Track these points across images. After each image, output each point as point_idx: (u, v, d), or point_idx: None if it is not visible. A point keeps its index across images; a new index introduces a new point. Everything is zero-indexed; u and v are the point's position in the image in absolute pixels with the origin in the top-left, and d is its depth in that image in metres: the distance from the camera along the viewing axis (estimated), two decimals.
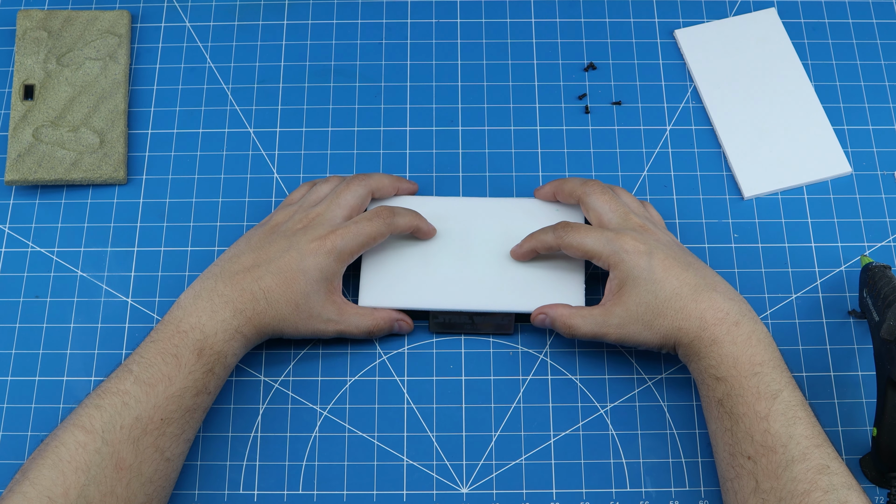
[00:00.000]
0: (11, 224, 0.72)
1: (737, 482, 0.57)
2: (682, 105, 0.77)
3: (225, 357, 0.60)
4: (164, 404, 0.57)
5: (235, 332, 0.61)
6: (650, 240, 0.63)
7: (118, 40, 0.77)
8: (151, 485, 0.57)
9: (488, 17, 0.80)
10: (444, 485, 0.65)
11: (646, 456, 0.65)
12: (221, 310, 0.60)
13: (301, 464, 0.65)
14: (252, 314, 0.61)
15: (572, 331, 0.64)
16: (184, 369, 0.58)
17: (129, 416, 0.56)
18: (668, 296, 0.61)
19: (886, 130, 0.76)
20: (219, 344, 0.60)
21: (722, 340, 0.59)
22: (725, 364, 0.59)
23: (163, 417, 0.57)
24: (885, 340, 0.61)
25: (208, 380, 0.60)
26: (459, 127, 0.76)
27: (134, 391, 0.57)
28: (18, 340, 0.69)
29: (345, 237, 0.63)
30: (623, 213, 0.65)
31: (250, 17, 0.80)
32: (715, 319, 0.60)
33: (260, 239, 0.64)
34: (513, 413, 0.67)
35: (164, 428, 0.57)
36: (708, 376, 0.60)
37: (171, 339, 0.59)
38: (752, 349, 0.59)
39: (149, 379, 0.57)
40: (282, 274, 0.61)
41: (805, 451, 0.55)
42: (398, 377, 0.68)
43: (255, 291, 0.61)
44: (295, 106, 0.77)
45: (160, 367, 0.58)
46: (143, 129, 0.76)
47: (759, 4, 0.80)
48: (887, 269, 0.65)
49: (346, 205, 0.65)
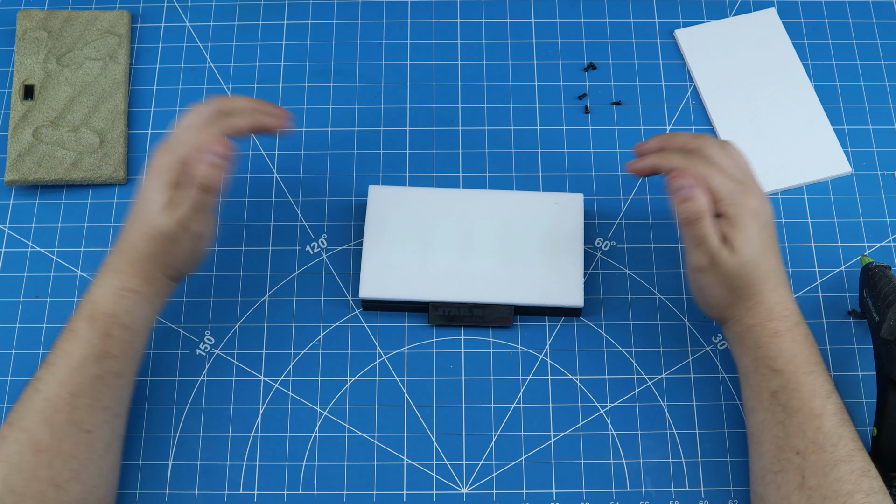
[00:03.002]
0: (11, 224, 0.72)
1: (781, 476, 0.57)
2: (682, 105, 0.77)
3: (117, 317, 0.59)
4: (68, 379, 0.57)
5: (121, 291, 0.60)
6: (767, 209, 0.61)
7: (118, 40, 0.77)
8: (74, 460, 0.56)
9: (488, 17, 0.80)
10: (444, 485, 0.65)
11: (646, 456, 0.65)
12: (105, 275, 0.60)
13: (301, 464, 0.65)
14: (128, 267, 0.60)
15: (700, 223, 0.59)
16: (80, 340, 0.58)
17: (39, 400, 0.57)
18: (761, 275, 0.60)
19: (886, 130, 0.76)
20: (107, 306, 0.59)
21: (784, 336, 0.59)
22: (784, 358, 0.59)
23: (71, 392, 0.57)
24: (885, 340, 0.61)
25: (108, 344, 0.59)
26: (459, 127, 0.76)
27: (42, 375, 0.58)
28: (18, 340, 0.69)
29: (171, 147, 0.61)
30: (747, 170, 0.62)
31: (250, 17, 0.80)
32: (781, 315, 0.60)
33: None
34: (513, 413, 0.67)
35: (75, 401, 0.57)
36: (764, 366, 0.59)
37: (70, 318, 0.60)
38: (809, 350, 0.59)
39: (52, 359, 0.58)
40: (136, 219, 0.61)
41: (851, 452, 0.56)
42: (398, 377, 0.68)
43: (124, 249, 0.61)
44: (295, 106, 0.77)
45: (61, 346, 0.58)
46: (143, 129, 0.76)
47: (759, 4, 0.80)
48: (887, 269, 0.65)
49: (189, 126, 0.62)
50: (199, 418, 0.66)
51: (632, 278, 0.71)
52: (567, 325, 0.69)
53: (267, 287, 0.70)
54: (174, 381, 0.67)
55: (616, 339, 0.69)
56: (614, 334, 0.69)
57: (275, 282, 0.70)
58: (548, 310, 0.68)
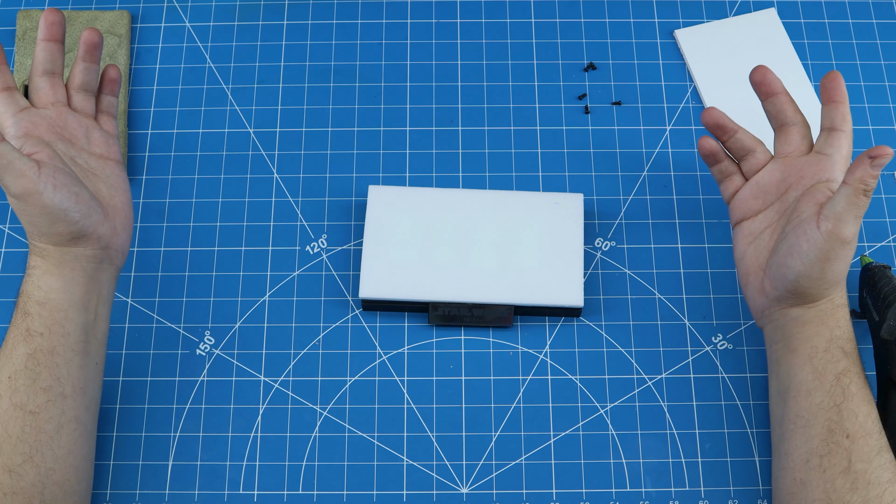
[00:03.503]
0: (11, 224, 0.72)
1: (828, 459, 0.57)
2: (682, 105, 0.77)
3: (31, 294, 0.60)
4: (4, 363, 0.58)
5: (28, 269, 0.61)
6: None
7: (118, 40, 0.77)
8: (23, 444, 0.56)
9: (488, 17, 0.80)
10: (444, 485, 0.65)
11: (646, 456, 0.65)
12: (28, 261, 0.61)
13: (301, 464, 0.65)
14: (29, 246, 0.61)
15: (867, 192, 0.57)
16: (10, 325, 0.59)
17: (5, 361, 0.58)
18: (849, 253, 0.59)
19: (886, 130, 0.76)
20: (22, 286, 0.60)
21: (848, 321, 0.60)
22: (854, 342, 0.60)
23: (9, 375, 0.58)
24: (885, 340, 0.61)
25: (29, 322, 0.59)
26: (459, 127, 0.76)
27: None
28: None
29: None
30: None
31: (250, 17, 0.80)
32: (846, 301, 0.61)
33: None
34: (513, 413, 0.67)
35: (14, 384, 0.57)
36: (836, 347, 0.59)
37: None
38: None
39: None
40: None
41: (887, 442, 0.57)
42: (398, 377, 0.68)
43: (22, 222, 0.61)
44: (295, 106, 0.77)
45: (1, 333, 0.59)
46: (143, 129, 0.76)
47: (759, 4, 0.80)
48: (887, 269, 0.65)
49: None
50: (199, 418, 0.66)
51: (632, 278, 0.71)
52: (567, 325, 0.69)
53: (267, 287, 0.70)
54: (174, 381, 0.67)
55: (616, 339, 0.69)
56: (614, 334, 0.69)
57: (275, 282, 0.71)
58: (548, 310, 0.68)
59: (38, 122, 0.62)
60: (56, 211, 0.58)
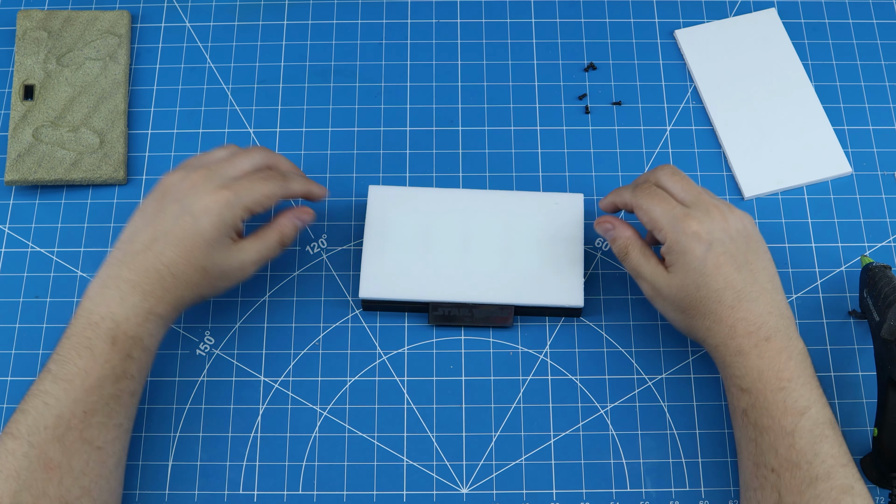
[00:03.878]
0: (11, 224, 0.72)
1: (760, 493, 0.57)
2: (682, 105, 0.77)
3: (141, 340, 0.59)
4: (83, 397, 0.57)
5: (148, 314, 0.59)
6: (715, 229, 0.60)
7: (118, 40, 0.77)
8: (85, 477, 0.56)
9: (488, 17, 0.80)
10: (444, 485, 0.65)
11: (646, 456, 0.65)
12: (130, 295, 0.59)
13: (301, 464, 0.65)
14: (162, 293, 0.60)
15: (626, 257, 0.64)
16: (99, 359, 0.57)
17: (50, 416, 0.56)
18: (710, 295, 0.60)
19: (886, 130, 0.76)
20: (132, 329, 0.59)
21: (749, 353, 0.58)
22: (750, 376, 0.58)
23: (85, 410, 0.56)
24: (885, 340, 0.61)
25: (127, 365, 0.59)
26: (459, 127, 0.76)
27: (53, 390, 0.56)
28: (18, 340, 0.69)
29: (240, 193, 0.61)
30: (695, 192, 0.62)
31: (250, 17, 0.80)
32: (745, 332, 0.59)
33: (153, 208, 0.62)
34: (513, 413, 0.67)
35: (88, 419, 0.56)
36: (733, 385, 0.59)
37: (84, 332, 0.58)
38: (781, 365, 0.58)
39: (65, 375, 0.57)
40: (180, 243, 0.59)
41: (830, 469, 0.55)
42: (398, 377, 0.68)
43: (159, 269, 0.59)
44: (295, 106, 0.77)
45: (75, 361, 0.57)
46: (143, 129, 0.76)
47: (759, 4, 0.80)
48: (888, 269, 0.65)
49: (241, 165, 0.63)
50: (199, 418, 0.66)
51: (632, 278, 0.70)
52: (567, 325, 0.69)
53: (267, 287, 0.70)
54: (174, 381, 0.67)
55: (616, 339, 0.69)
56: (614, 334, 0.69)
57: (275, 282, 0.70)
58: (548, 310, 0.68)
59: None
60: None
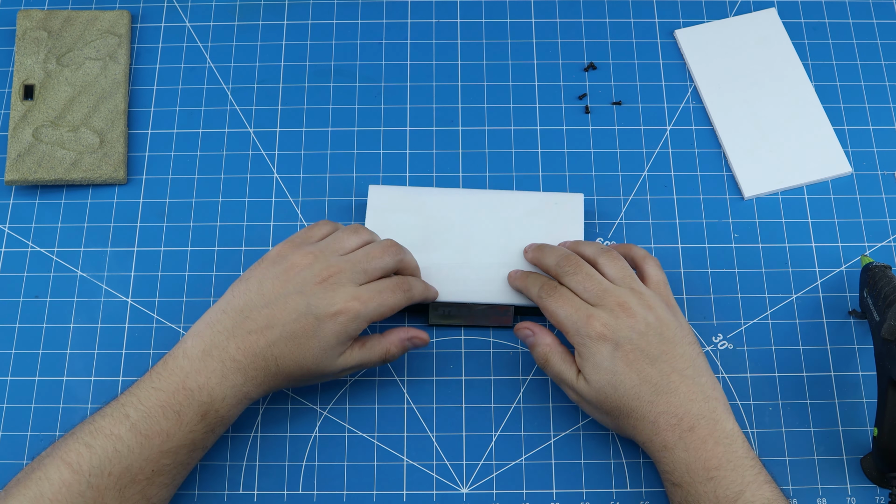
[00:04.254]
0: (11, 224, 0.72)
1: None
2: (682, 105, 0.77)
3: (229, 420, 0.59)
4: (157, 458, 0.55)
5: (243, 398, 0.59)
6: (622, 326, 0.59)
7: (118, 40, 0.77)
8: None
9: (488, 17, 0.80)
10: (444, 485, 0.65)
11: (646, 456, 0.65)
12: (233, 375, 0.58)
13: (301, 464, 0.65)
14: (263, 379, 0.59)
15: (547, 364, 0.63)
16: (184, 428, 0.56)
17: (119, 465, 0.54)
18: (628, 393, 0.58)
19: (886, 130, 0.76)
20: (225, 409, 0.58)
21: (674, 446, 0.57)
22: (679, 470, 0.57)
23: (154, 469, 0.55)
24: (885, 340, 0.61)
25: (208, 439, 0.58)
26: (459, 127, 0.76)
27: (128, 439, 0.55)
28: (18, 340, 0.69)
29: (368, 305, 0.60)
30: (599, 291, 0.61)
31: (250, 17, 0.80)
32: (668, 425, 0.58)
33: (274, 289, 0.60)
34: (513, 413, 0.67)
35: (154, 478, 0.56)
36: (665, 481, 0.59)
37: (176, 395, 0.57)
38: (708, 453, 0.56)
39: (146, 431, 0.55)
40: (296, 340, 0.58)
41: None
42: (398, 377, 0.68)
43: (267, 358, 0.58)
44: (295, 106, 0.77)
45: (160, 420, 0.56)
46: (143, 129, 0.76)
47: (759, 4, 0.80)
48: (888, 269, 0.65)
49: (373, 270, 0.62)
50: None
51: None
52: None
53: None
54: None
55: None
56: None
57: None
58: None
59: None
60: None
